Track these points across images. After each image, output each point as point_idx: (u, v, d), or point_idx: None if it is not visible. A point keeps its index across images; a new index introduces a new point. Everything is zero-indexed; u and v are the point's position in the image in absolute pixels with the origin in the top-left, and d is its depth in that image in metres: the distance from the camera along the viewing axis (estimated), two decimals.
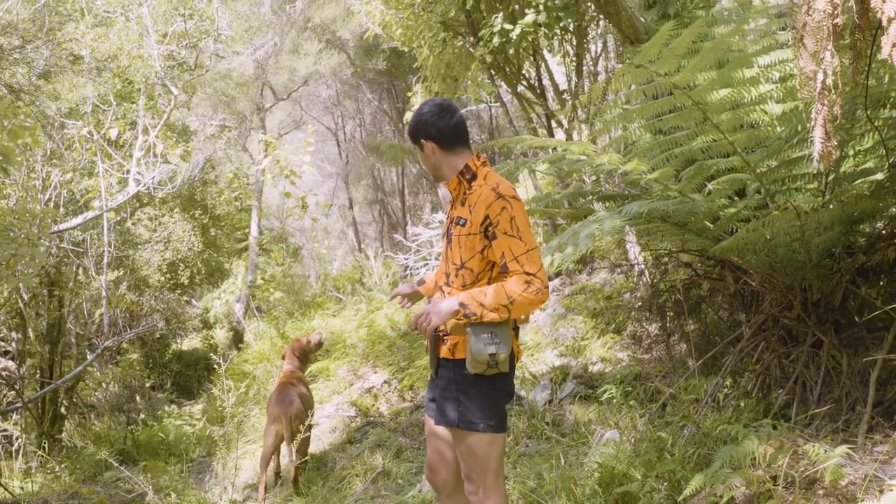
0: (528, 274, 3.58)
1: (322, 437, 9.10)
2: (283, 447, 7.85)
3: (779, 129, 4.97)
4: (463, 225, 3.76)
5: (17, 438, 9.42)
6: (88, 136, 9.67)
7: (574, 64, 11.23)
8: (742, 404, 5.55)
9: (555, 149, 6.23)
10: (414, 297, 4.38)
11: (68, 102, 10.91)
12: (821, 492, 3.86)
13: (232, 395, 5.86)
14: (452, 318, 3.64)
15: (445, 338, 3.83)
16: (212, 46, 13.11)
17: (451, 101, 3.98)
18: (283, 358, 8.60)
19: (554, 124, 11.10)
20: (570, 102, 10.80)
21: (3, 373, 10.86)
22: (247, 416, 10.53)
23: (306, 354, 8.58)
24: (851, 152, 5.11)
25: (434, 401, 3.96)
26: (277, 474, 8.19)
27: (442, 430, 3.96)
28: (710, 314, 7.25)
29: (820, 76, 3.36)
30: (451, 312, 3.63)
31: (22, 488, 6.56)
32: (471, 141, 3.98)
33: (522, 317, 3.78)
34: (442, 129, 3.83)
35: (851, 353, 5.20)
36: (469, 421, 3.73)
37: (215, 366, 6.31)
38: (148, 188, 9.75)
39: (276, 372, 11.23)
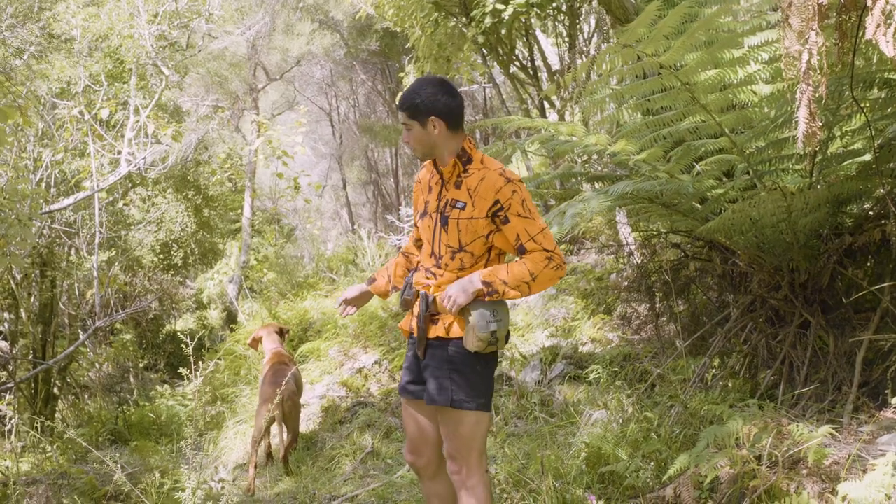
0: (548, 251, 3.62)
1: (312, 417, 9.12)
2: (274, 427, 7.87)
3: (766, 109, 4.96)
4: (462, 208, 3.74)
5: (9, 419, 9.42)
6: (79, 116, 9.63)
7: (567, 44, 11.22)
8: (729, 384, 5.57)
9: (545, 129, 6.23)
10: (362, 299, 4.34)
11: (59, 83, 10.86)
12: (804, 471, 3.88)
13: (201, 374, 5.84)
14: (475, 297, 3.66)
15: (436, 317, 3.83)
16: (204, 27, 13.05)
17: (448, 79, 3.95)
18: (253, 345, 8.60)
19: (547, 105, 11.09)
20: (554, 81, 10.77)
21: None
22: (238, 396, 10.55)
23: (283, 333, 8.64)
24: (839, 133, 5.11)
25: (413, 383, 3.97)
26: (268, 454, 8.20)
27: (426, 411, 3.96)
28: (699, 295, 7.27)
29: (805, 56, 3.36)
30: (476, 291, 3.64)
31: (8, 468, 6.57)
32: (466, 121, 3.93)
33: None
34: (452, 109, 3.75)
35: (838, 333, 5.22)
36: (461, 400, 3.73)
37: (183, 345, 6.30)
38: (139, 168, 9.72)
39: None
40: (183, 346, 6.16)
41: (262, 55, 19.98)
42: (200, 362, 5.93)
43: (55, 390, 11.24)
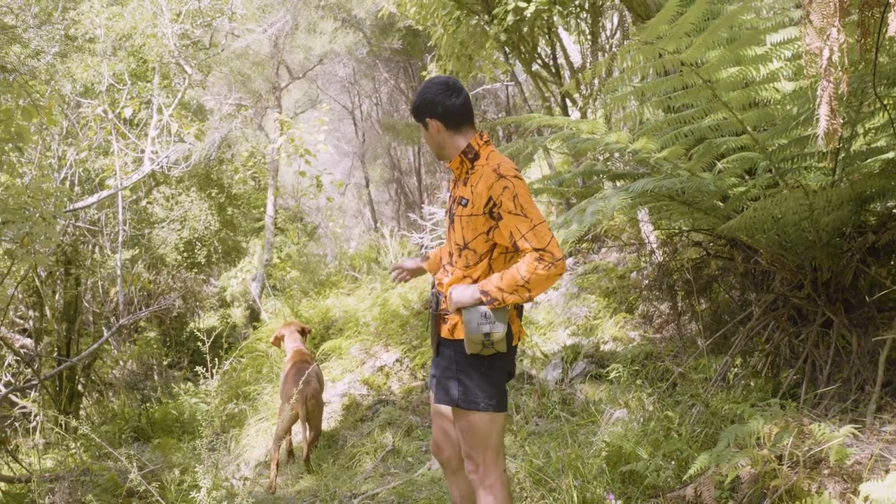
0: (537, 250, 3.57)
1: (333, 415, 9.14)
2: (296, 425, 7.89)
3: (789, 107, 4.92)
4: (465, 205, 3.75)
5: (35, 416, 9.51)
6: (103, 115, 9.69)
7: (589, 42, 11.18)
8: (751, 384, 5.53)
9: (566, 127, 6.21)
10: (416, 272, 4.38)
11: (83, 81, 10.92)
12: (826, 471, 3.85)
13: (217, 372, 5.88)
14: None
15: (446, 317, 3.84)
16: (227, 25, 13.09)
17: (456, 79, 3.95)
18: (276, 343, 8.64)
19: (569, 103, 11.05)
20: (573, 79, 10.75)
21: (22, 350, 10.94)
22: (259, 394, 10.59)
23: (304, 333, 8.67)
24: (862, 130, 5.06)
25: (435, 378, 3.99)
26: (290, 452, 8.23)
27: (444, 409, 3.98)
28: (721, 293, 7.23)
29: (826, 53, 3.33)
30: (474, 301, 3.65)
31: (30, 464, 6.62)
32: (487, 119, 3.95)
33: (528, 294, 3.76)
34: (448, 108, 3.79)
35: (861, 332, 5.17)
36: (470, 400, 3.74)
37: (199, 344, 6.33)
38: (162, 167, 9.77)
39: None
40: (199, 343, 6.20)
41: (285, 54, 20.02)
42: (216, 359, 5.95)
43: (79, 387, 11.32)
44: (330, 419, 8.98)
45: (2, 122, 5.53)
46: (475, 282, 3.76)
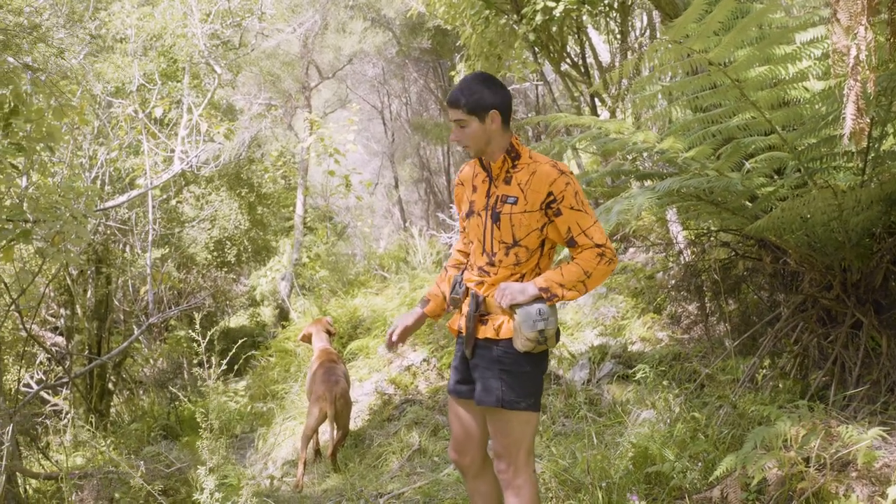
0: (599, 245, 3.62)
1: (360, 414, 9.16)
2: (323, 424, 7.91)
3: (818, 106, 4.88)
4: (514, 203, 3.73)
5: (66, 413, 9.60)
6: (134, 114, 9.76)
7: (619, 41, 11.13)
8: (780, 385, 5.50)
9: (593, 127, 6.18)
10: (415, 327, 4.21)
11: (114, 82, 11.00)
12: (854, 474, 3.82)
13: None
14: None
15: (486, 317, 3.82)
16: (256, 25, 13.14)
17: None
18: (304, 340, 8.67)
19: (598, 102, 11.02)
20: (601, 78, 10.72)
21: (54, 348, 11.04)
22: (287, 393, 10.63)
23: (331, 333, 8.68)
24: (892, 130, 5.01)
25: (461, 382, 3.96)
26: (317, 451, 8.26)
27: (473, 410, 3.95)
28: (750, 294, 7.19)
29: (853, 51, 3.30)
30: (531, 298, 3.64)
31: (57, 462, 6.68)
32: (517, 118, 3.93)
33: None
34: (506, 103, 3.76)
35: (891, 334, 5.13)
36: (511, 400, 3.72)
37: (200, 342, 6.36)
38: (192, 166, 9.82)
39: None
40: (205, 341, 6.21)
41: (315, 53, 20.05)
42: (242, 359, 5.98)
43: (110, 385, 11.41)
44: (357, 418, 9.00)
45: (33, 122, 5.58)
46: (522, 278, 3.76)
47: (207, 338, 7.23)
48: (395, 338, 4.16)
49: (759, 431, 4.20)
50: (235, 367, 10.90)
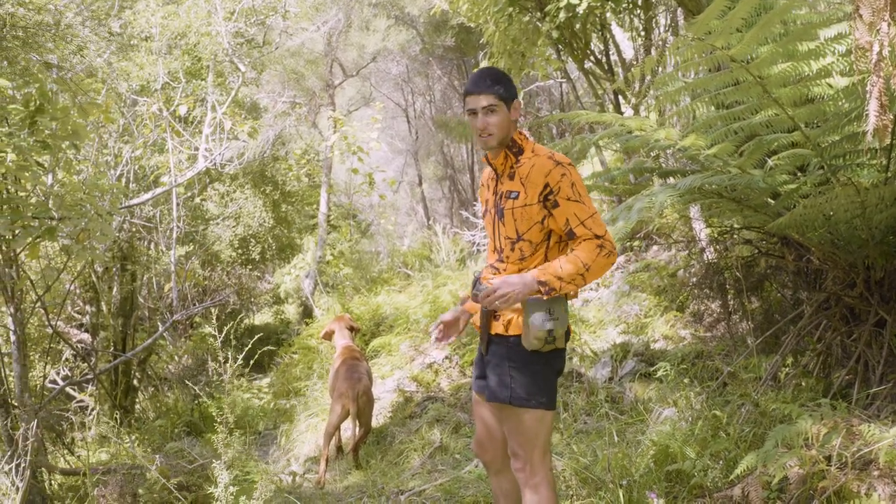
0: (598, 237, 3.59)
1: (382, 411, 9.18)
2: (346, 421, 7.93)
3: (842, 102, 4.85)
4: (515, 198, 3.73)
5: (91, 410, 9.67)
6: (158, 112, 9.83)
7: (642, 38, 11.09)
8: (802, 383, 5.46)
9: (615, 124, 6.17)
10: (454, 323, 4.14)
11: (139, 80, 11.07)
12: (875, 473, 3.79)
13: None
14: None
15: (497, 313, 3.82)
16: (280, 23, 13.19)
17: None
18: (326, 337, 8.69)
19: (622, 100, 10.99)
20: (625, 75, 10.68)
21: (79, 345, 11.11)
22: (310, 390, 10.67)
23: (353, 330, 8.70)
24: None
25: (482, 378, 3.96)
26: (339, 448, 8.28)
27: (491, 407, 3.95)
28: (772, 292, 7.15)
29: (876, 48, 3.28)
30: (531, 291, 3.59)
31: (79, 457, 6.72)
32: (540, 115, 3.93)
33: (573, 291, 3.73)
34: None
35: None
36: (521, 397, 3.71)
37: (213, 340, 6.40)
38: (216, 164, 9.87)
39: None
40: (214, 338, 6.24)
41: (339, 51, 20.10)
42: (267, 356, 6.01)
43: (135, 382, 11.47)
44: (379, 415, 9.01)
45: (59, 120, 5.62)
46: None
47: (224, 333, 7.18)
48: (436, 335, 4.15)
49: (781, 430, 4.18)
50: (252, 362, 10.94)
